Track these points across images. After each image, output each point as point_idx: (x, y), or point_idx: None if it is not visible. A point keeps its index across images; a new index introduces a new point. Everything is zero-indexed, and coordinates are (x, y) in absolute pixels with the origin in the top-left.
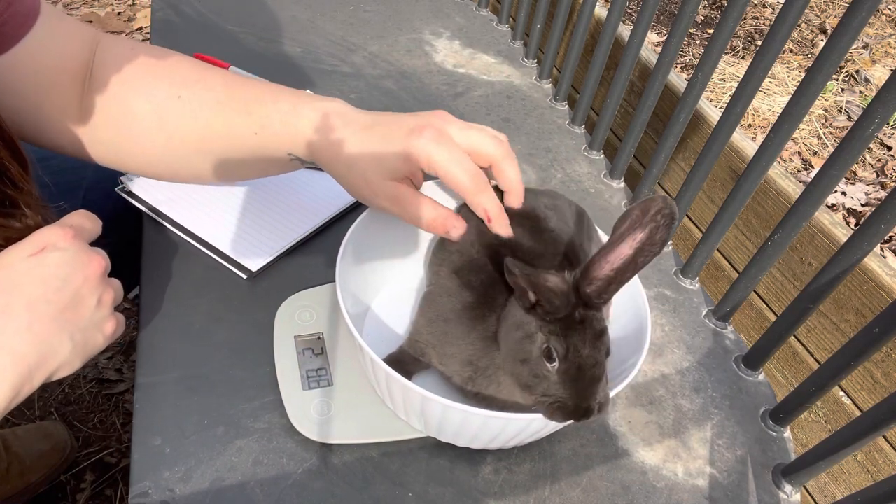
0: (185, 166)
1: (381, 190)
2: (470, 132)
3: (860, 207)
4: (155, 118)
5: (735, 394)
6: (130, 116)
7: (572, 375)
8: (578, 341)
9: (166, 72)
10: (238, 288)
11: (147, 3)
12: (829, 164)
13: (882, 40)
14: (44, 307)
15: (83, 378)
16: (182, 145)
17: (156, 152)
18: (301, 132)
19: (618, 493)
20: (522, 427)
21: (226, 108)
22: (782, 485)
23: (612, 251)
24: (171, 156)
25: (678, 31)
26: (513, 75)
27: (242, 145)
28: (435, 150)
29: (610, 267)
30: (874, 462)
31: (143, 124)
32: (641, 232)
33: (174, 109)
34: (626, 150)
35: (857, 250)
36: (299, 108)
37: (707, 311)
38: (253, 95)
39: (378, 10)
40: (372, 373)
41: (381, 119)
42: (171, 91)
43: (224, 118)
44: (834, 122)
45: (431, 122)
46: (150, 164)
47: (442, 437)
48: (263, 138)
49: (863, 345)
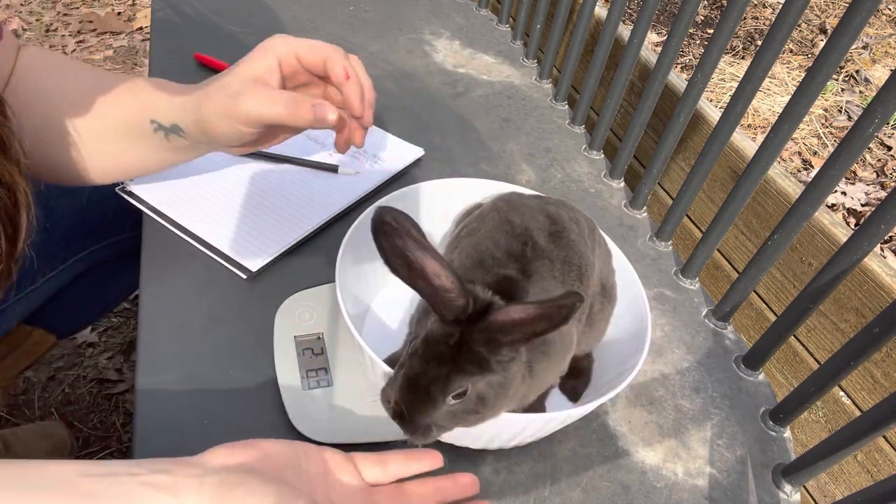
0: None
1: (235, 89)
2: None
3: (860, 207)
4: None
5: (735, 394)
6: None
7: (405, 380)
8: (422, 352)
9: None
10: (238, 288)
11: (147, 3)
12: (829, 164)
13: (882, 40)
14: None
15: (83, 378)
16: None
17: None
18: (164, 96)
19: (618, 493)
20: (523, 426)
21: (89, 87)
22: (782, 485)
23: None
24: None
25: (678, 31)
26: (513, 75)
27: (108, 122)
28: (290, 38)
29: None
30: (874, 462)
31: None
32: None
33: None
34: (626, 150)
35: (857, 250)
36: (161, 81)
37: (707, 311)
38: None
39: (378, 10)
40: (372, 373)
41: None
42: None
43: (89, 97)
44: (834, 122)
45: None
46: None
47: (443, 437)
48: (127, 109)
49: (863, 345)
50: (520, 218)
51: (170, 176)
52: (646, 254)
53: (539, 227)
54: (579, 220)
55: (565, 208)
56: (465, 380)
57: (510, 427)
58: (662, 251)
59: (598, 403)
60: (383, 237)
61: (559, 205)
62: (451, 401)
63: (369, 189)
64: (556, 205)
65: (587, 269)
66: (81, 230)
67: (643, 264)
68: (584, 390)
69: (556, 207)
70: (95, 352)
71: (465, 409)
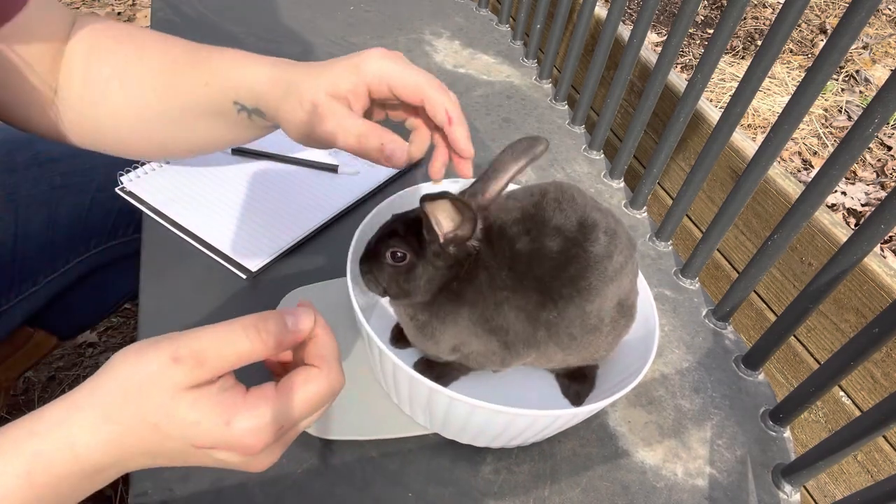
0: (149, 135)
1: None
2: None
3: (860, 207)
4: (116, 82)
5: (735, 394)
6: (93, 83)
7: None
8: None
9: (130, 38)
10: (238, 288)
11: (147, 3)
12: (829, 164)
13: (882, 40)
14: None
15: (83, 378)
16: (142, 109)
17: (121, 121)
18: (248, 76)
19: (618, 493)
20: (528, 423)
21: (179, 65)
22: (782, 485)
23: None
24: (135, 123)
25: (678, 31)
26: (513, 75)
27: (195, 99)
28: (385, 60)
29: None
30: (874, 462)
31: (104, 89)
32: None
33: (133, 71)
34: (625, 150)
35: (857, 250)
36: (248, 57)
37: (707, 311)
38: (204, 53)
39: (378, 10)
40: (378, 364)
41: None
42: (132, 54)
43: (176, 74)
44: (834, 122)
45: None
46: (120, 139)
47: (446, 433)
48: (213, 89)
49: (863, 345)
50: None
51: (170, 176)
52: (646, 254)
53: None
54: (618, 234)
55: (611, 219)
56: (400, 243)
57: (517, 422)
58: (662, 251)
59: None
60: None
61: (606, 214)
62: (390, 259)
63: (369, 189)
64: (603, 213)
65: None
66: (85, 232)
67: (643, 264)
68: (588, 395)
69: (603, 216)
70: (96, 352)
71: (398, 276)
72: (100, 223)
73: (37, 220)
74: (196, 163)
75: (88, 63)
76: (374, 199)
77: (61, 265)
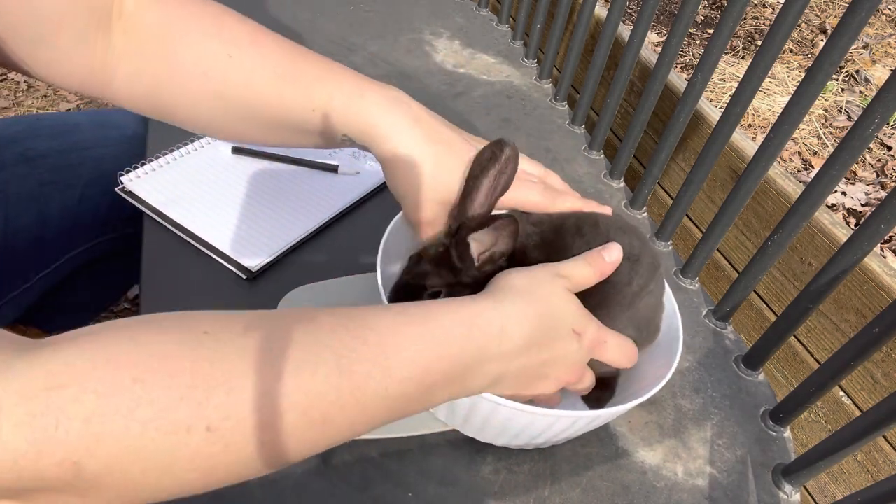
0: (227, 126)
1: (425, 205)
2: (518, 182)
3: (860, 207)
4: (199, 71)
5: (735, 394)
6: (172, 61)
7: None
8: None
9: (214, 25)
10: (238, 288)
11: None
12: (829, 164)
13: (882, 40)
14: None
15: None
16: (229, 106)
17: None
18: (363, 118)
19: (618, 493)
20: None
21: (285, 82)
22: (782, 485)
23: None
24: (215, 112)
25: (678, 31)
26: (513, 75)
27: (296, 119)
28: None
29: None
30: (874, 462)
31: (185, 72)
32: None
33: (221, 68)
34: (625, 151)
35: (857, 250)
36: (365, 93)
37: (707, 311)
38: (314, 74)
39: (378, 10)
40: None
41: (444, 133)
42: (220, 48)
43: (281, 92)
44: (834, 122)
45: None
46: (190, 117)
47: (466, 430)
48: (321, 116)
49: (863, 345)
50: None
51: (170, 176)
52: None
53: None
54: (640, 259)
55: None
56: (435, 279)
57: (536, 424)
58: (662, 251)
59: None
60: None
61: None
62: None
63: (369, 189)
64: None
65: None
66: (75, 228)
67: None
68: (608, 401)
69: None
70: None
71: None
72: (90, 218)
73: (26, 217)
74: (196, 163)
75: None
76: (374, 199)
77: (52, 261)
